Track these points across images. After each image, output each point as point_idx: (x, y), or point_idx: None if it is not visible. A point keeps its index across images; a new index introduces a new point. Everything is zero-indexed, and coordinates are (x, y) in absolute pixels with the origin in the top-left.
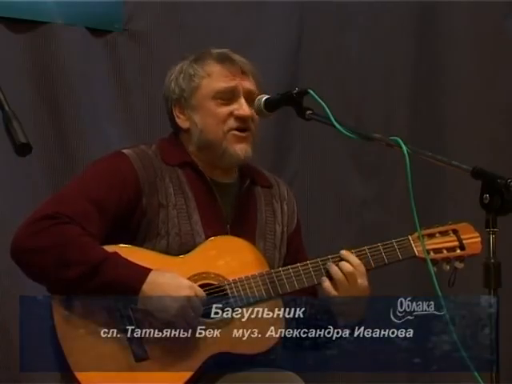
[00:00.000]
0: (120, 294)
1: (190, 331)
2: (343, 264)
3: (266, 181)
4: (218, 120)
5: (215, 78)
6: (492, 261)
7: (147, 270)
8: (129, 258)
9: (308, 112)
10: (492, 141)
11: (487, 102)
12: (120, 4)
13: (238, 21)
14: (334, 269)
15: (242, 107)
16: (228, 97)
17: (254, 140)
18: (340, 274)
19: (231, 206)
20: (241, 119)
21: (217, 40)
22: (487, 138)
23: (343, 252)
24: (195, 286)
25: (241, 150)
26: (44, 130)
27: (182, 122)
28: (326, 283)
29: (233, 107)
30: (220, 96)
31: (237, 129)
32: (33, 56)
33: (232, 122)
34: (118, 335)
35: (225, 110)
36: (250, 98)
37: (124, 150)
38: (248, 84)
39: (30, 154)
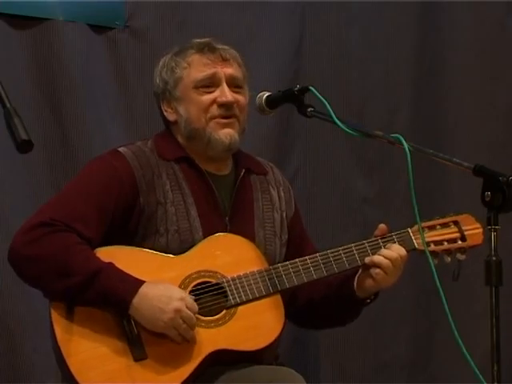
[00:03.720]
0: (111, 305)
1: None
2: (385, 252)
3: (261, 168)
4: (200, 108)
5: (195, 67)
6: (493, 258)
7: (139, 282)
8: (129, 260)
9: (309, 109)
10: (492, 140)
11: (488, 102)
12: (122, 1)
13: (240, 18)
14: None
15: (225, 94)
16: (209, 84)
17: (240, 126)
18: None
19: (228, 198)
20: (224, 106)
21: (218, 38)
22: (488, 137)
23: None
24: (186, 297)
25: (225, 135)
26: (45, 126)
27: (170, 114)
28: (377, 270)
29: (215, 94)
30: (201, 84)
31: (220, 116)
32: (34, 52)
33: (215, 110)
34: (117, 335)
35: (207, 97)
36: (233, 84)
37: (120, 149)
38: (230, 70)
39: (31, 151)
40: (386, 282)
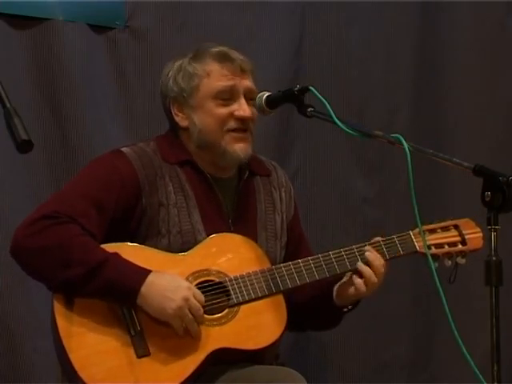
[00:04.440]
0: (119, 294)
1: (189, 332)
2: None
3: (265, 169)
4: (217, 121)
5: (214, 77)
6: (493, 258)
7: (146, 271)
8: (132, 256)
9: (309, 109)
10: (492, 140)
11: (488, 102)
12: (122, 1)
13: (240, 18)
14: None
15: (242, 107)
16: (227, 97)
17: (253, 138)
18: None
19: (232, 201)
20: (241, 120)
21: (218, 38)
22: (488, 136)
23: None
24: (193, 287)
25: (241, 149)
26: (45, 126)
27: (181, 120)
28: (358, 280)
29: (233, 108)
30: (219, 96)
31: (236, 129)
32: (33, 52)
33: (232, 123)
34: (120, 331)
35: (224, 110)
36: (249, 97)
37: (123, 149)
38: (247, 82)
39: (31, 151)
40: (365, 290)
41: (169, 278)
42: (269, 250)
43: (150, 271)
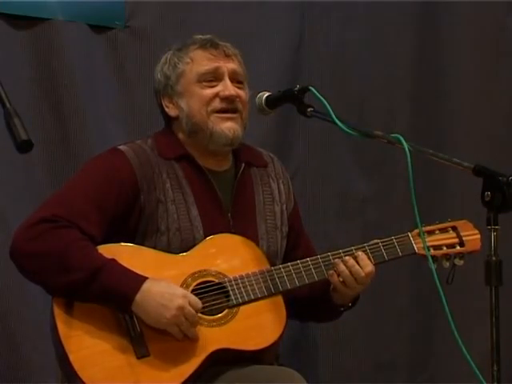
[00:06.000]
0: (114, 301)
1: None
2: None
3: (262, 160)
4: (202, 102)
5: (198, 61)
6: (493, 258)
7: (142, 279)
8: (130, 258)
9: (309, 109)
10: (492, 140)
11: (488, 102)
12: (122, 1)
13: (240, 18)
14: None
15: (228, 87)
16: (212, 78)
17: (243, 121)
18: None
19: (229, 194)
20: (226, 100)
21: (218, 38)
22: (488, 136)
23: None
24: (189, 294)
25: (228, 129)
26: (45, 126)
27: (171, 110)
28: (334, 277)
29: (217, 89)
30: (204, 78)
31: (222, 110)
32: (34, 52)
33: (217, 103)
34: (120, 332)
35: (209, 91)
36: (235, 79)
37: (120, 147)
38: (232, 65)
39: (31, 151)
40: (346, 290)
41: (164, 285)
42: (269, 241)
43: (145, 278)
